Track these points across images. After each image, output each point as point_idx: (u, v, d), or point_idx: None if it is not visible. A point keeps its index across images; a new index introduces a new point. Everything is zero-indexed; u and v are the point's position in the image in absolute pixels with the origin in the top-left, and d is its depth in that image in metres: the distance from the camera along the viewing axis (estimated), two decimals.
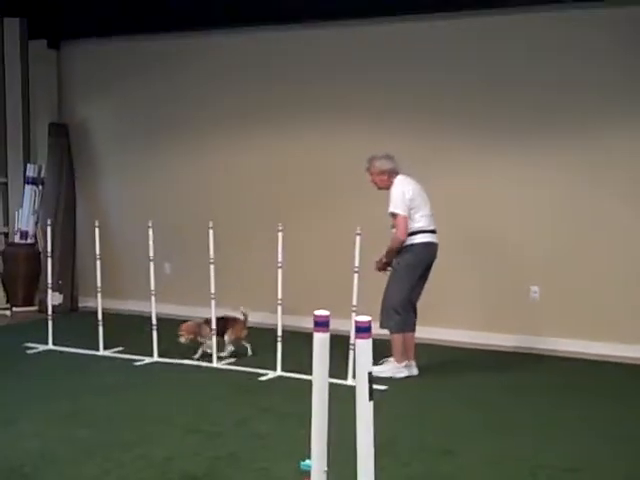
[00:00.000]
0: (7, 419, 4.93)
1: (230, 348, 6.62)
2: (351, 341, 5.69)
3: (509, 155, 7.17)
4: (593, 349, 6.76)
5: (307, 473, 2.39)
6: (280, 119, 8.09)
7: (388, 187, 6.02)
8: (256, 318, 7.81)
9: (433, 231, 6.02)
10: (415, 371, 6.09)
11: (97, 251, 6.70)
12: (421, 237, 5.94)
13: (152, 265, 6.53)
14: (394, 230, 5.96)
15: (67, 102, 9.21)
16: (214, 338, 6.42)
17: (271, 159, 8.15)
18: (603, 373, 6.34)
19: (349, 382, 5.59)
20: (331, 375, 2.46)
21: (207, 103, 8.42)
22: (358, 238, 5.76)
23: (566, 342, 6.88)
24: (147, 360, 6.47)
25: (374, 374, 5.53)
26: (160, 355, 6.51)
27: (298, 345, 6.45)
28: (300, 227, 7.62)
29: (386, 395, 5.42)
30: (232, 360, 6.50)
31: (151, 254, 6.50)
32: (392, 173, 6.03)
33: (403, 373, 5.97)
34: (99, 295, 6.75)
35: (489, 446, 4.49)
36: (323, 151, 7.89)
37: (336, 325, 3.95)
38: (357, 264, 5.77)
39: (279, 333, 6.13)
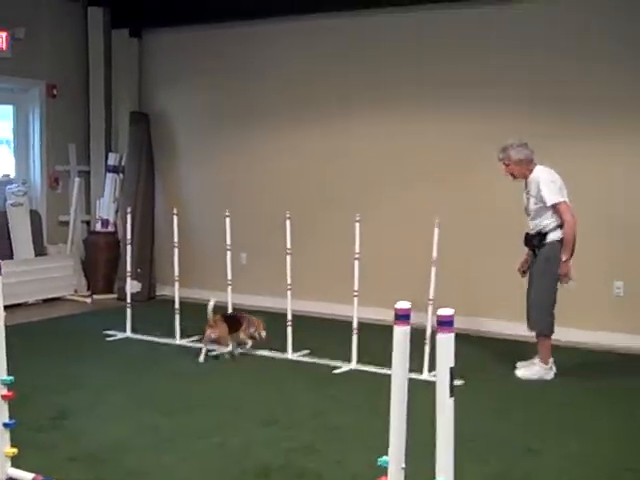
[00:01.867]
0: (87, 405, 5.01)
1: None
2: (427, 334, 5.61)
3: (584, 147, 6.97)
4: None
5: (385, 470, 2.33)
6: (359, 107, 7.99)
7: (526, 177, 5.77)
8: (331, 310, 7.83)
9: None
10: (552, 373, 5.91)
11: (175, 239, 6.75)
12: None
13: (229, 254, 6.55)
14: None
15: (148, 91, 9.32)
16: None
17: (349, 149, 8.08)
18: None
19: (424, 376, 5.51)
20: (412, 369, 2.39)
21: (287, 91, 8.39)
22: (436, 230, 5.67)
23: None
24: (222, 350, 6.49)
25: (523, 377, 5.61)
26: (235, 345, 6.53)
27: (373, 337, 6.45)
28: (377, 218, 7.55)
29: (465, 390, 5.34)
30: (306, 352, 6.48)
31: (228, 243, 6.52)
32: (529, 162, 5.74)
33: (550, 374, 5.76)
34: (176, 284, 6.81)
35: (573, 447, 4.36)
36: (403, 140, 7.78)
37: (416, 318, 3.89)
38: (435, 256, 5.68)
39: (354, 325, 6.07)
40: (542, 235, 5.70)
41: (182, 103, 9.13)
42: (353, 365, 6.02)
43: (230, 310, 6.69)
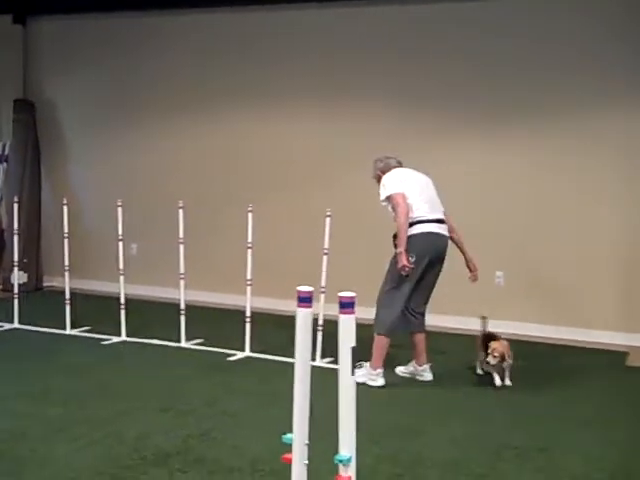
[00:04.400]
0: None
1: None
2: (319, 322, 5.75)
3: (469, 141, 7.30)
4: (556, 333, 6.93)
5: (289, 447, 2.43)
6: (248, 100, 8.10)
7: None
8: (223, 300, 7.88)
9: (437, 220, 5.33)
10: (429, 376, 5.58)
11: (65, 230, 6.64)
12: (419, 228, 5.25)
13: (121, 245, 6.51)
14: (395, 222, 5.30)
15: (33, 79, 9.10)
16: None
17: (240, 140, 8.17)
18: (564, 357, 6.49)
19: (317, 363, 5.64)
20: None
21: (175, 83, 8.40)
22: (328, 220, 5.80)
23: (529, 326, 7.02)
24: (115, 339, 6.46)
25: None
26: (128, 335, 6.51)
27: (265, 326, 6.57)
28: (269, 208, 7.65)
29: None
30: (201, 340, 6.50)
31: (120, 233, 6.48)
32: (385, 170, 5.48)
33: (378, 381, 5.31)
34: (67, 274, 6.70)
35: (456, 427, 4.56)
36: (292, 132, 7.94)
37: None
38: (327, 245, 5.81)
39: (247, 314, 6.16)
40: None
41: (71, 92, 8.97)
42: (247, 353, 6.10)
43: (122, 299, 6.61)
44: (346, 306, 2.27)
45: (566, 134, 6.99)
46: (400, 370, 5.70)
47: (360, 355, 2.42)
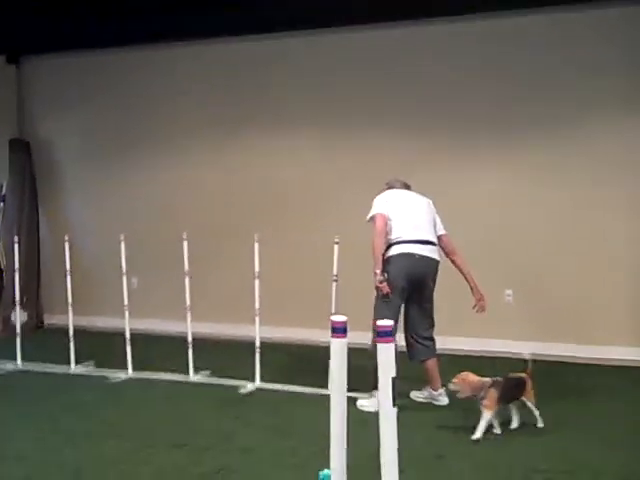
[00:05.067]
0: None
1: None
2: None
3: (482, 157, 7.25)
4: (571, 351, 6.85)
5: None
6: (251, 132, 8.04)
7: None
8: (229, 331, 7.76)
9: (420, 242, 5.25)
10: (445, 400, 5.44)
11: (67, 266, 6.54)
12: (397, 248, 5.23)
13: (125, 279, 6.42)
14: None
15: (28, 118, 9.02)
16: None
17: (242, 170, 8.09)
18: (582, 376, 6.39)
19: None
20: (315, 385, 2.33)
21: (174, 117, 8.33)
22: (336, 247, 5.71)
23: (542, 345, 6.91)
24: (121, 375, 6.34)
25: (358, 407, 5.13)
26: (134, 370, 6.39)
27: (274, 356, 6.46)
28: (274, 239, 7.53)
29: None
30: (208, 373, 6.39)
31: (124, 267, 6.38)
32: (383, 191, 5.56)
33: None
34: (70, 310, 6.58)
35: (479, 452, 4.46)
36: (294, 160, 7.87)
37: (315, 335, 3.90)
38: (335, 272, 5.72)
39: (257, 344, 6.05)
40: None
41: (66, 129, 8.89)
42: (257, 384, 6.00)
43: (127, 334, 6.49)
44: (384, 335, 2.18)
45: (573, 149, 6.95)
46: (415, 395, 5.61)
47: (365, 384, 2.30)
